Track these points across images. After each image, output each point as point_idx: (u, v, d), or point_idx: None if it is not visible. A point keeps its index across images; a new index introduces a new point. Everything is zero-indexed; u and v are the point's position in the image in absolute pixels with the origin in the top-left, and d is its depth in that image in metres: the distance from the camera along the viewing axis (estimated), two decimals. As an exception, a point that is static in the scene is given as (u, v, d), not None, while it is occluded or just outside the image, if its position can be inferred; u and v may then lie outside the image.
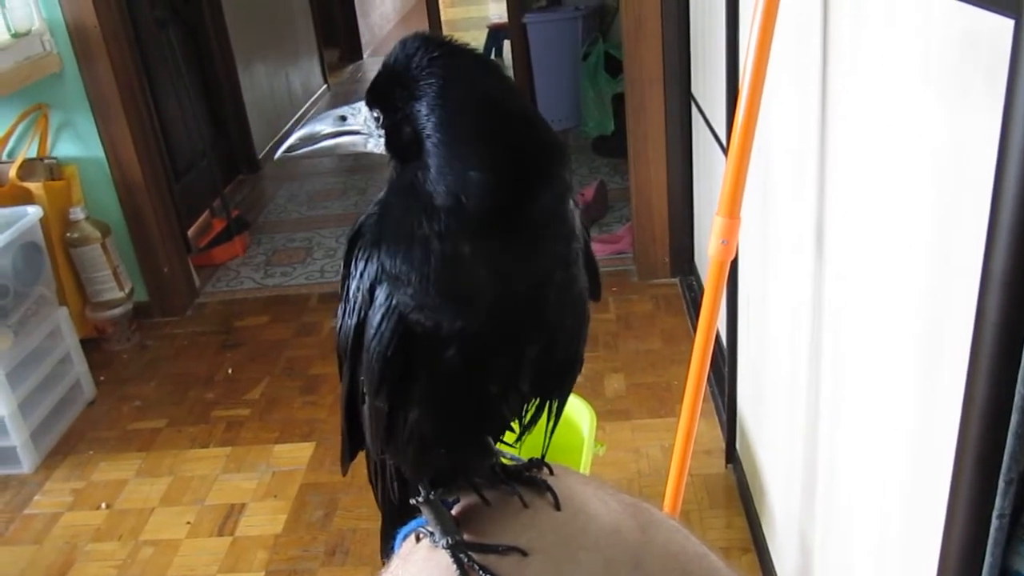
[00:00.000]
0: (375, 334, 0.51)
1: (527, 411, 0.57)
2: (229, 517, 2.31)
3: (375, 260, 0.51)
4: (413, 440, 0.54)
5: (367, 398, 0.55)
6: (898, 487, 1.09)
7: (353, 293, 0.53)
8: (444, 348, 0.50)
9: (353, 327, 0.53)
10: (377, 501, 0.64)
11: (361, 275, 0.52)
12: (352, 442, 0.61)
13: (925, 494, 0.96)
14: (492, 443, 0.59)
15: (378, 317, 0.50)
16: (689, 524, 2.04)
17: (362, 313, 0.52)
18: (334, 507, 2.29)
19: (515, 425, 0.58)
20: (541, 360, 0.53)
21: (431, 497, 0.56)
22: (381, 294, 0.50)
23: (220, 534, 2.25)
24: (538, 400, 0.57)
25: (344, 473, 0.64)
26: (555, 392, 0.58)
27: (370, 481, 0.64)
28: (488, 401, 0.54)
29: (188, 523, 2.30)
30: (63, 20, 2.98)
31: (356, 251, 0.53)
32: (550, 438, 0.59)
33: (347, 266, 0.54)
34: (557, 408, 0.59)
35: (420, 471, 0.56)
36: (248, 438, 2.62)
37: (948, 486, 0.83)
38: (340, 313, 0.55)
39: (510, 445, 0.60)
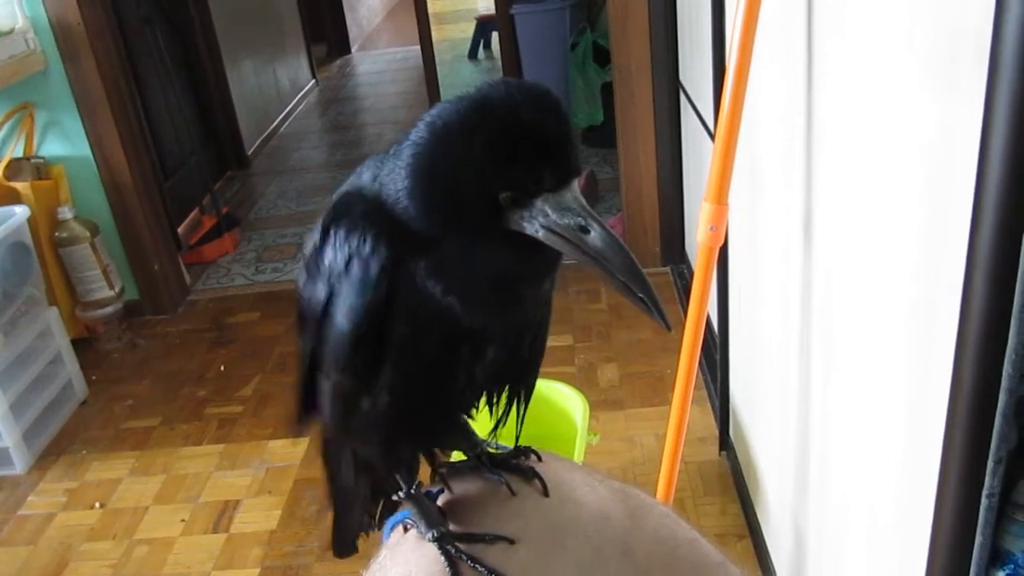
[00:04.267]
0: (347, 307, 0.50)
1: (496, 401, 0.57)
2: (223, 514, 2.31)
3: (359, 231, 0.49)
4: (382, 426, 0.53)
5: (328, 372, 0.54)
6: (890, 469, 1.09)
7: (329, 261, 0.50)
8: (421, 336, 0.50)
9: (324, 297, 0.51)
10: (330, 491, 0.63)
11: (340, 245, 0.50)
12: (305, 407, 0.59)
13: (916, 475, 0.97)
14: (470, 430, 0.59)
15: (352, 291, 0.49)
16: (683, 511, 2.05)
17: (334, 284, 0.50)
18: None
19: (472, 415, 0.58)
20: (514, 351, 0.54)
21: (412, 492, 0.56)
22: (358, 268, 0.49)
23: (215, 531, 2.25)
24: (507, 389, 0.57)
25: (295, 434, 0.63)
26: (523, 381, 0.58)
27: (325, 464, 0.62)
28: (452, 390, 0.54)
29: (182, 521, 2.30)
30: (46, 18, 2.95)
31: (339, 216, 0.51)
32: (521, 424, 0.59)
33: (325, 232, 0.51)
34: (525, 396, 0.59)
35: (389, 458, 0.56)
36: (241, 435, 2.62)
37: (938, 467, 0.84)
38: (311, 277, 0.52)
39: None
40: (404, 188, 0.49)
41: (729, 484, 2.16)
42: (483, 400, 0.57)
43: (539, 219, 0.47)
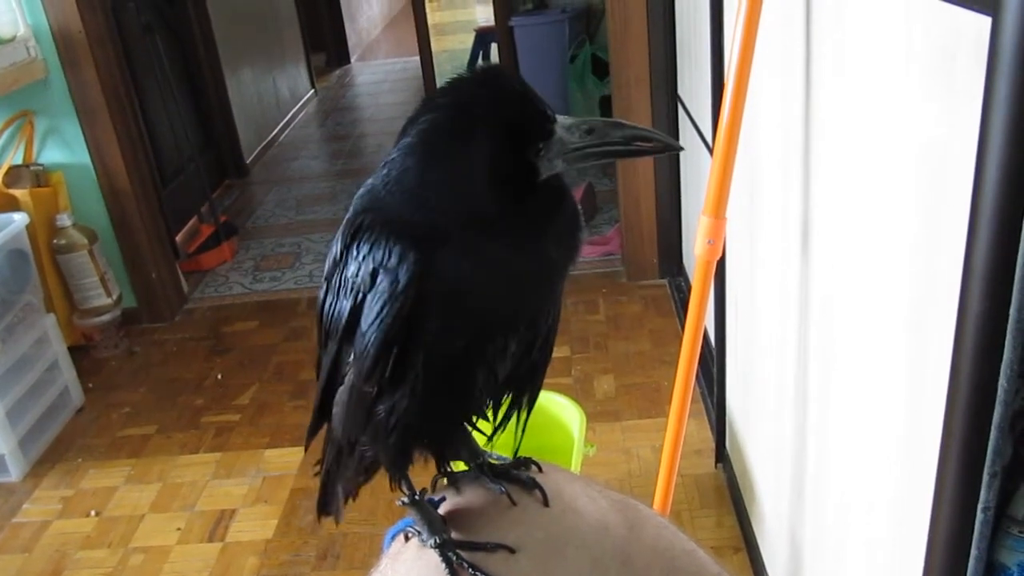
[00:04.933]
0: (376, 319, 0.51)
1: (502, 404, 0.58)
2: (219, 523, 2.30)
3: (383, 245, 0.51)
4: (397, 429, 0.54)
5: (352, 381, 0.54)
6: (886, 482, 1.10)
7: (352, 275, 0.52)
8: (453, 336, 0.51)
9: (348, 310, 0.52)
10: (323, 479, 0.64)
11: (364, 259, 0.51)
12: (319, 419, 0.60)
13: (912, 489, 0.97)
14: (473, 438, 0.59)
15: (380, 303, 0.50)
16: (680, 524, 2.04)
17: (359, 296, 0.52)
18: (325, 511, 2.28)
19: (487, 417, 0.58)
20: (523, 352, 0.55)
21: (416, 498, 0.56)
22: (385, 280, 0.50)
23: (211, 540, 2.25)
24: (513, 393, 0.58)
25: (306, 448, 0.64)
26: (530, 386, 0.58)
27: (319, 464, 0.63)
28: (472, 391, 0.54)
29: (178, 529, 2.29)
30: (48, 26, 2.97)
31: (360, 231, 0.52)
32: (523, 430, 0.59)
33: (348, 247, 0.53)
34: (529, 403, 0.59)
35: (398, 461, 0.56)
36: (238, 443, 2.61)
37: (934, 480, 0.84)
38: (332, 290, 0.54)
39: (485, 435, 0.60)
40: (418, 190, 0.51)
41: (725, 497, 2.16)
42: (489, 408, 0.57)
43: (561, 154, 0.52)
